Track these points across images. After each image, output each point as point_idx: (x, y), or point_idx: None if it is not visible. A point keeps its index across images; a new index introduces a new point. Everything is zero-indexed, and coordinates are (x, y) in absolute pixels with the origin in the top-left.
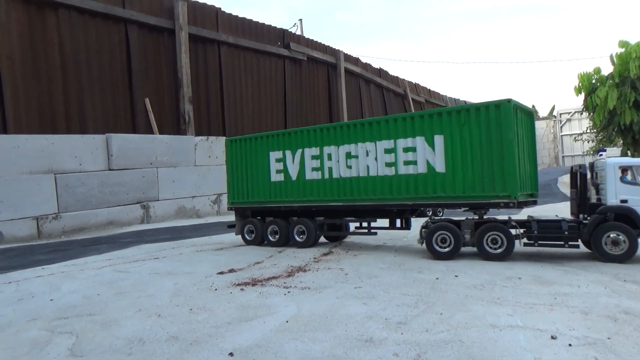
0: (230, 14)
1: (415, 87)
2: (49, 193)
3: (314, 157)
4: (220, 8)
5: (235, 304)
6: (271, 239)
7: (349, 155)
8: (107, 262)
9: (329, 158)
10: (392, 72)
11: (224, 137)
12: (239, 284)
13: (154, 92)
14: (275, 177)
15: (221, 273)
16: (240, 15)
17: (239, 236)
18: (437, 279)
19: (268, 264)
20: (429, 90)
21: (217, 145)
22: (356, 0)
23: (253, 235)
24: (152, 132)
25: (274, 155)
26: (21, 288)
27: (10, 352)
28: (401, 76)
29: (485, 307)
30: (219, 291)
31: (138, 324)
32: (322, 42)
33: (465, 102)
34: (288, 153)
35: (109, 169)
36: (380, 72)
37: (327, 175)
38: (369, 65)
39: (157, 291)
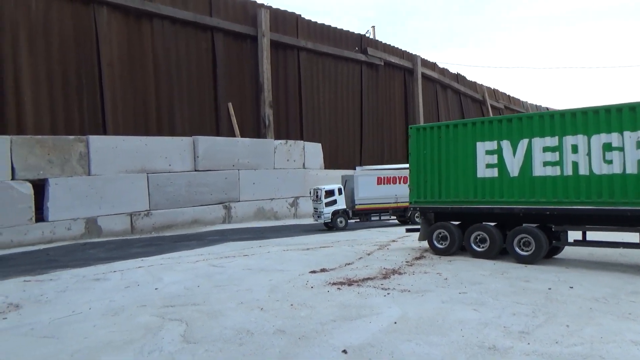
0: (309, 21)
1: (494, 93)
2: (142, 191)
3: (547, 149)
4: (300, 15)
5: (335, 302)
6: (476, 248)
7: (607, 147)
8: (199, 257)
9: (574, 150)
10: (469, 78)
11: (302, 141)
12: (334, 283)
13: (237, 97)
14: (484, 173)
15: (313, 272)
16: (319, 22)
17: (344, 238)
18: (549, 289)
19: (359, 265)
20: (509, 96)
21: (295, 149)
22: (429, 8)
23: (446, 243)
24: (234, 135)
25: (484, 146)
26: (125, 277)
27: (128, 335)
28: (478, 82)
29: (617, 322)
30: (315, 289)
31: (243, 316)
32: (399, 47)
33: (547, 108)
34: (506, 144)
35: (195, 170)
36: (458, 78)
37: (569, 172)
38: (446, 70)
39: (253, 286)
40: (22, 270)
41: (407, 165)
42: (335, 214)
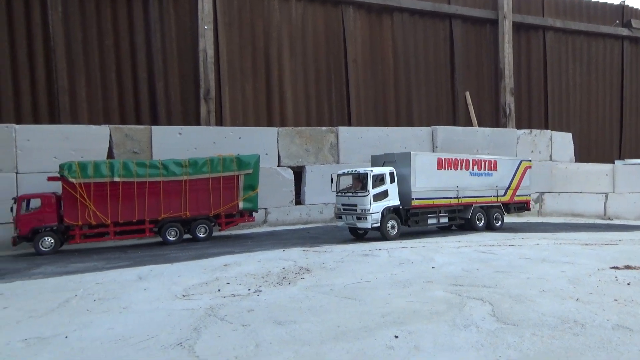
0: None
1: None
2: None
3: None
4: None
5: None
6: None
7: None
8: (457, 243)
9: None
10: None
11: (549, 131)
12: None
13: (474, 85)
14: None
15: (616, 268)
16: None
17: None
18: None
19: None
20: None
21: (541, 139)
22: None
23: None
24: (471, 125)
25: None
26: (393, 255)
27: (429, 306)
28: None
29: None
30: (634, 286)
31: (556, 305)
32: None
33: None
34: None
35: None
36: None
37: None
38: None
39: (544, 275)
40: (294, 244)
41: None
42: (387, 213)
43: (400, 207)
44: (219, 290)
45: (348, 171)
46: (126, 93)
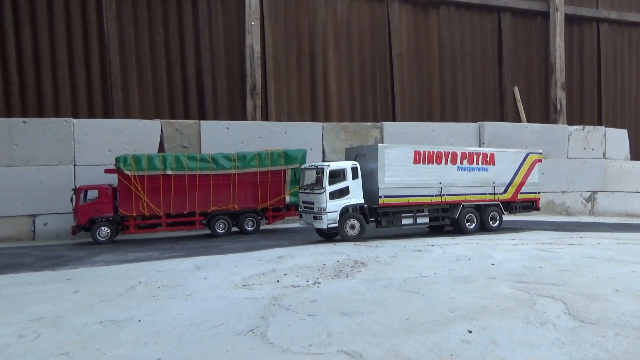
0: None
1: None
2: None
3: None
4: None
5: None
6: None
7: None
8: (511, 241)
9: None
10: None
11: (602, 127)
12: None
13: (523, 80)
14: None
15: None
16: None
17: None
18: None
19: None
20: None
21: (594, 136)
22: None
23: None
24: (519, 121)
25: None
26: (447, 251)
27: (497, 302)
28: None
29: None
30: None
31: (636, 305)
32: None
33: None
34: None
35: None
36: None
37: None
38: None
39: (615, 275)
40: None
41: None
42: (347, 212)
43: (366, 205)
44: (278, 281)
45: (310, 165)
46: (175, 89)
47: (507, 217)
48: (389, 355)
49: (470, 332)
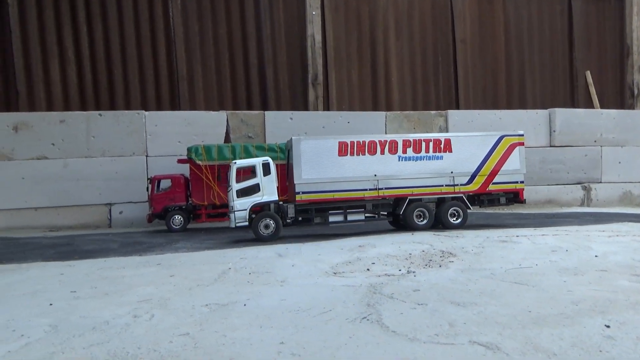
0: None
1: None
2: None
3: None
4: None
5: None
6: None
7: None
8: (601, 233)
9: None
10: None
11: None
12: None
13: (595, 63)
14: None
15: None
16: None
17: None
18: None
19: None
20: None
21: None
22: None
23: None
24: (591, 107)
25: None
26: (536, 242)
27: (623, 295)
28: None
29: None
30: None
31: None
32: None
33: None
34: None
35: (550, 145)
36: None
37: None
38: None
39: None
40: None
41: None
42: (259, 211)
43: (281, 203)
44: (368, 269)
45: (235, 161)
46: (238, 80)
47: (578, 209)
48: (528, 348)
49: (608, 327)
